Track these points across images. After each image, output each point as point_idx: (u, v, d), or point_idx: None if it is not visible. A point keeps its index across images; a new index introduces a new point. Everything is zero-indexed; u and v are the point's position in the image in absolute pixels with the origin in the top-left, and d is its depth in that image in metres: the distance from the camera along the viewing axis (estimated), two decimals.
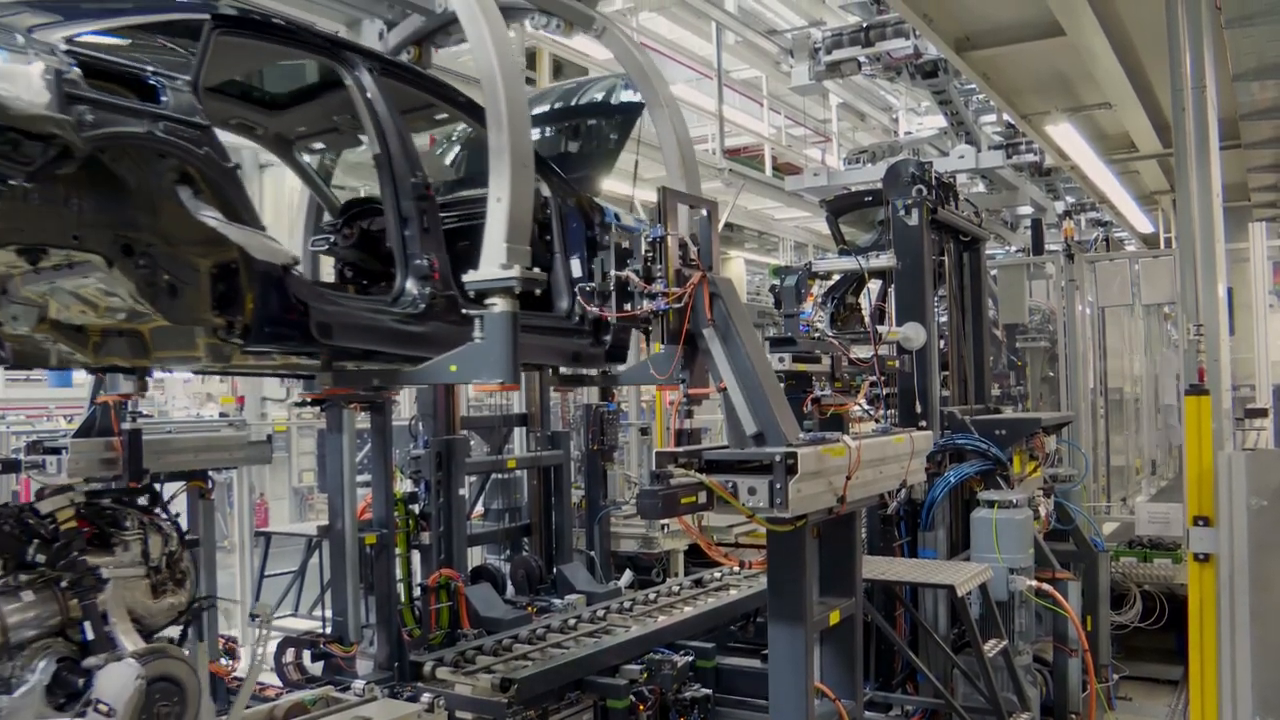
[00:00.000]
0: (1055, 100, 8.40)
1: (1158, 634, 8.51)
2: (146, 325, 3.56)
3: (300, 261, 3.56)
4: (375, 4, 5.98)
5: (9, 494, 7.62)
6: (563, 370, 5.53)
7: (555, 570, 8.00)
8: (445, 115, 5.02)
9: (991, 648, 5.70)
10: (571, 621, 6.72)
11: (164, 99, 3.06)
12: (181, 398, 16.47)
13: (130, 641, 3.41)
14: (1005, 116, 10.38)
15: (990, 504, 6.28)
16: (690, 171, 5.16)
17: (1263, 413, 9.28)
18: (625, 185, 6.83)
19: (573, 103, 5.88)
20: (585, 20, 5.52)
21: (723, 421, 4.32)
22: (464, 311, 3.93)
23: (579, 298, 4.44)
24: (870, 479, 4.41)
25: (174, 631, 4.07)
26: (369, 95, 3.98)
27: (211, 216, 3.12)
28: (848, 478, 4.10)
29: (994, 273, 10.72)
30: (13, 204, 2.70)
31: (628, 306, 4.11)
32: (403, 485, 6.99)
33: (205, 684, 4.07)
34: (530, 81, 9.69)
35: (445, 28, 5.72)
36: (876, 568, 5.81)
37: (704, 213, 4.32)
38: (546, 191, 4.74)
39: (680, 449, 4.08)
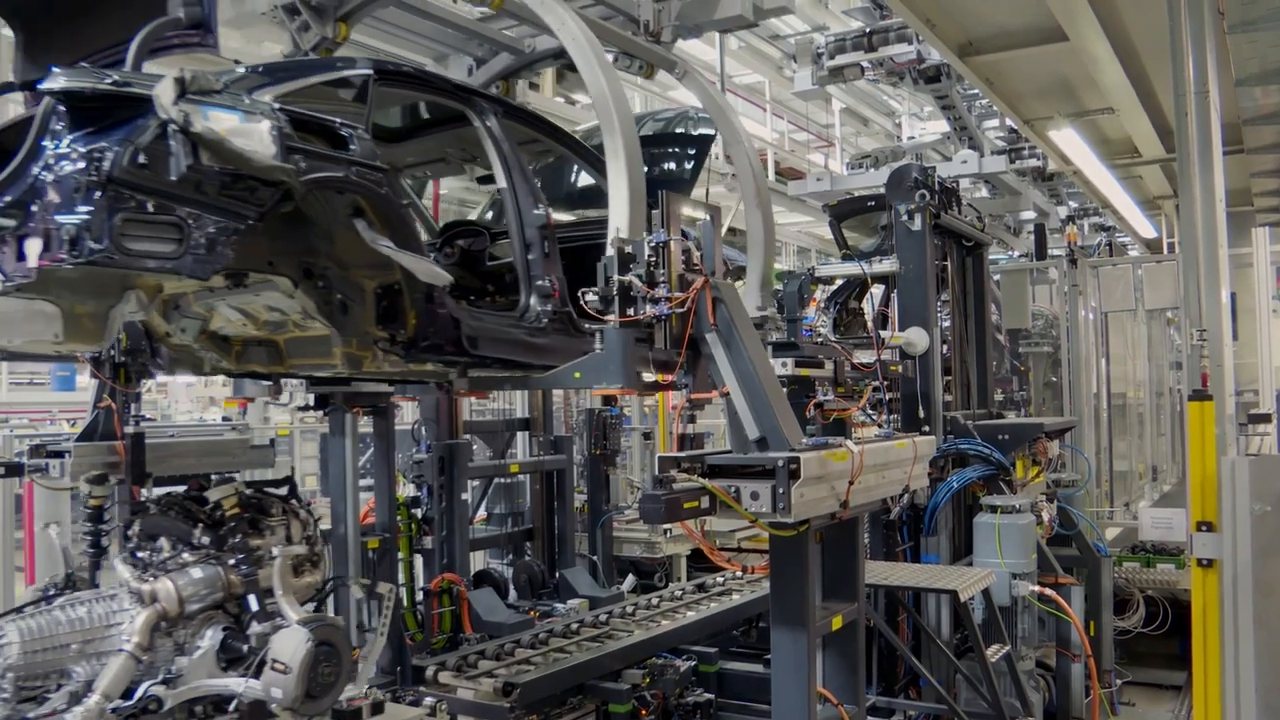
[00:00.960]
0: (1058, 105, 8.41)
1: (1161, 639, 8.50)
2: (283, 336, 3.98)
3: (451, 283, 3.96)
4: (466, 42, 6.15)
5: (13, 497, 7.63)
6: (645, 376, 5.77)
7: (558, 575, 7.99)
8: (546, 149, 5.38)
9: (994, 653, 5.70)
10: (574, 626, 6.71)
11: (353, 146, 3.47)
12: (184, 401, 16.49)
13: (294, 612, 3.76)
14: (1008, 121, 10.38)
15: (993, 509, 6.28)
16: (764, 202, 5.49)
17: (1266, 418, 9.27)
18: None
19: (647, 134, 6.03)
20: (668, 64, 5.83)
21: (725, 426, 4.33)
22: (586, 327, 4.25)
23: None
24: (873, 484, 4.40)
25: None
26: (497, 137, 4.40)
27: (386, 245, 3.50)
28: (850, 483, 4.10)
29: (997, 278, 10.71)
30: (238, 238, 3.09)
31: (630, 311, 4.12)
32: (405, 489, 6.99)
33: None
34: (534, 86, 9.70)
35: (531, 65, 6.10)
36: (879, 573, 5.80)
37: (707, 217, 4.33)
38: None
39: (683, 454, 4.08)
